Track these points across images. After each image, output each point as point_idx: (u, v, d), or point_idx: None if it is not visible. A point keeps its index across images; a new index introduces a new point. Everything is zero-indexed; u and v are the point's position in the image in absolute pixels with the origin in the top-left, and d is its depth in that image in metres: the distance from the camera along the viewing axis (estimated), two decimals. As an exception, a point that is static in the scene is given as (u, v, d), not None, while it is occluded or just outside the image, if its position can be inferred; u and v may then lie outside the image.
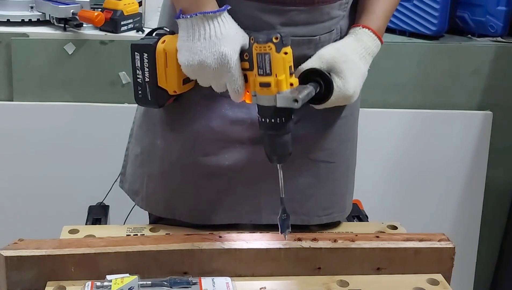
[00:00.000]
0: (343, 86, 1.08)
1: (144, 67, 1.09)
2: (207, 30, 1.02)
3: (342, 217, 1.28)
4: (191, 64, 1.03)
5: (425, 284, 1.09)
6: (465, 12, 2.14)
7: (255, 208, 1.20)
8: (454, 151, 2.14)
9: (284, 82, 1.00)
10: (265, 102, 1.01)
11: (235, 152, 1.16)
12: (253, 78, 1.01)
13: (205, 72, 1.03)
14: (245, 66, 1.03)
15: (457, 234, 1.89)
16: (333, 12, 1.13)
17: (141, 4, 2.04)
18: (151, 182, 1.22)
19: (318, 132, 1.19)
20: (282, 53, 0.99)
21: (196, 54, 1.02)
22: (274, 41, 0.98)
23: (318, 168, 1.20)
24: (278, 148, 1.04)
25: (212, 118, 1.14)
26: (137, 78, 1.10)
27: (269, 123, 1.02)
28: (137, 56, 1.09)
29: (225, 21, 1.03)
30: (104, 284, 0.99)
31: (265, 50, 0.98)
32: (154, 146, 1.20)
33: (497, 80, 2.10)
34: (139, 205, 1.25)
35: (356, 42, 1.13)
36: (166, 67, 1.08)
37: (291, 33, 1.03)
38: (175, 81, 1.09)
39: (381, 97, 2.06)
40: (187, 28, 1.03)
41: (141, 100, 1.12)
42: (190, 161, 1.17)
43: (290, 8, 1.09)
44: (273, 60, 0.99)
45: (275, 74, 0.99)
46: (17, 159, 1.96)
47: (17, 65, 1.92)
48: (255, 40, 0.99)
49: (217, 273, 1.06)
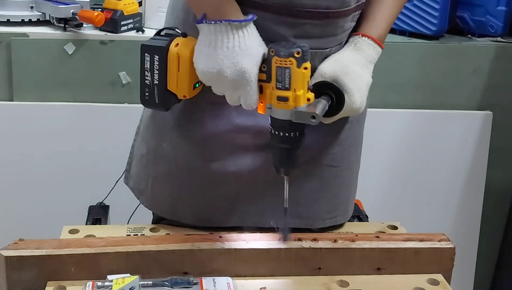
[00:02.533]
0: (349, 100, 1.06)
1: (153, 69, 1.04)
2: (230, 39, 0.99)
3: (345, 220, 1.28)
4: (209, 72, 1.00)
5: (425, 284, 1.09)
6: (465, 12, 2.14)
7: (260, 212, 1.20)
8: (454, 151, 2.14)
9: (302, 97, 0.98)
10: (280, 115, 1.00)
11: (241, 158, 1.15)
12: (270, 90, 0.99)
13: (221, 82, 1.01)
14: (262, 77, 1.00)
15: (457, 234, 1.89)
16: (346, 24, 1.12)
17: (141, 4, 2.04)
18: (156, 183, 1.22)
19: (324, 137, 1.18)
20: (302, 68, 0.97)
21: (216, 62, 0.99)
22: (295, 56, 0.96)
23: (322, 172, 1.20)
24: (288, 161, 1.03)
25: (219, 124, 1.13)
26: (145, 80, 1.06)
27: (282, 137, 1.01)
28: (147, 57, 1.04)
29: (250, 31, 1.00)
30: (105, 284, 0.99)
31: (285, 65, 0.96)
32: (160, 148, 1.19)
33: (497, 80, 2.10)
34: (144, 205, 1.25)
35: (355, 52, 1.11)
36: (178, 71, 1.04)
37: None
38: (186, 86, 1.05)
39: (381, 97, 2.06)
40: (209, 34, 1.00)
41: (148, 102, 1.07)
42: (196, 166, 1.16)
43: (304, 21, 1.06)
44: (293, 75, 0.97)
45: (294, 88, 0.97)
46: (17, 159, 1.96)
47: (17, 65, 1.92)
48: (275, 53, 0.97)
49: (217, 273, 1.06)
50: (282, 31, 1.06)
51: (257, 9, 1.04)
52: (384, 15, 1.14)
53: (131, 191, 1.28)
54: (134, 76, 1.94)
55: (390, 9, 1.15)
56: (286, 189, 1.05)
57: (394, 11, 1.16)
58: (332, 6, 1.07)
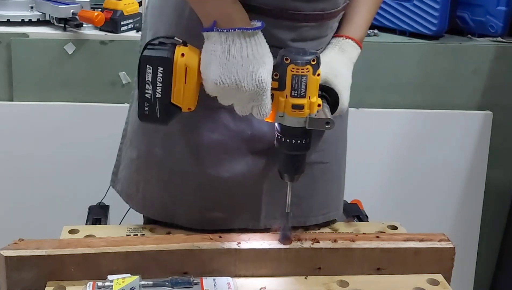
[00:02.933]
0: (339, 100, 1.08)
1: (156, 82, 0.97)
2: (243, 48, 0.96)
3: (337, 215, 1.29)
4: (224, 83, 0.95)
5: (425, 284, 1.09)
6: (465, 12, 2.14)
7: (254, 215, 1.20)
8: (454, 151, 2.14)
9: (315, 104, 0.98)
10: (294, 123, 0.99)
11: (236, 163, 1.15)
12: (284, 99, 0.98)
13: (238, 93, 0.97)
14: (275, 85, 0.98)
15: (457, 234, 1.89)
16: (334, 25, 1.15)
17: (141, 4, 2.04)
18: (148, 188, 1.21)
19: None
20: (316, 75, 0.97)
21: (232, 72, 0.95)
22: (312, 64, 0.95)
23: (312, 169, 1.20)
24: (294, 167, 1.03)
25: (213, 129, 1.13)
26: (145, 94, 0.98)
27: (294, 144, 1.00)
28: (149, 69, 0.97)
29: (260, 39, 0.98)
30: (105, 284, 0.99)
31: (302, 73, 0.95)
32: (151, 154, 1.19)
33: (497, 80, 2.11)
34: (134, 209, 1.25)
35: (341, 53, 1.13)
36: (185, 83, 0.97)
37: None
38: (193, 98, 0.99)
39: (381, 97, 2.06)
40: (220, 43, 0.95)
41: (146, 117, 0.99)
42: (191, 171, 1.16)
43: (302, 24, 1.08)
44: (309, 83, 0.96)
45: (309, 96, 0.97)
46: (17, 159, 1.96)
47: (17, 65, 1.92)
48: (291, 61, 0.96)
49: (217, 273, 1.06)
50: (281, 35, 1.07)
51: (257, 14, 1.04)
52: (364, 17, 1.17)
53: (119, 195, 1.27)
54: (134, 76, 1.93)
55: (369, 11, 1.18)
56: (289, 195, 1.06)
57: (372, 13, 1.20)
58: (327, 8, 1.09)
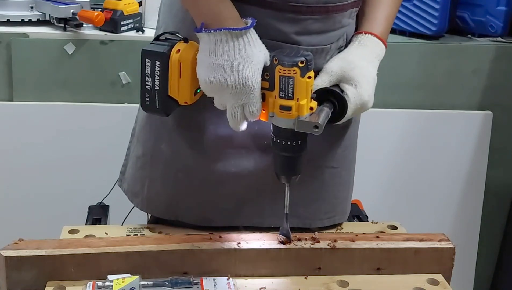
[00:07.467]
0: (357, 92, 1.07)
1: (154, 75, 1.03)
2: (231, 47, 0.97)
3: (343, 219, 1.28)
4: (211, 82, 0.99)
5: (425, 284, 1.09)
6: (465, 12, 2.14)
7: (259, 212, 1.20)
8: (454, 151, 2.14)
9: (305, 106, 0.98)
10: (283, 124, 0.99)
11: (242, 159, 1.15)
12: (273, 99, 0.99)
13: (224, 92, 1.00)
14: (265, 85, 0.99)
15: (457, 234, 1.88)
16: (344, 20, 1.13)
17: (141, 4, 2.04)
18: (153, 185, 1.21)
19: (324, 139, 1.17)
20: (306, 77, 0.96)
21: (218, 71, 0.98)
22: (299, 66, 0.95)
23: (322, 173, 1.20)
24: (288, 169, 1.03)
25: (220, 125, 1.12)
26: (146, 85, 1.04)
27: (284, 145, 1.00)
28: (148, 62, 1.03)
29: (250, 38, 0.99)
30: (105, 284, 0.99)
31: (289, 74, 0.95)
32: (157, 150, 1.19)
33: (497, 80, 2.11)
34: (139, 207, 1.25)
35: (360, 47, 1.12)
36: (180, 77, 1.03)
37: (305, 42, 1.02)
38: (188, 93, 1.04)
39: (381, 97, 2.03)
40: (209, 43, 0.98)
41: (148, 107, 1.06)
42: (197, 167, 1.16)
43: (305, 17, 1.07)
44: (296, 85, 0.96)
45: (297, 98, 0.97)
46: (16, 159, 1.96)
47: (17, 65, 1.92)
48: (279, 62, 0.96)
49: (217, 273, 1.06)
50: (284, 28, 1.07)
51: (259, 7, 1.04)
52: (384, 14, 1.16)
53: (125, 194, 1.27)
54: (134, 76, 1.94)
55: (389, 8, 1.17)
56: (287, 196, 1.06)
57: (393, 10, 1.17)
58: (331, 0, 1.08)
